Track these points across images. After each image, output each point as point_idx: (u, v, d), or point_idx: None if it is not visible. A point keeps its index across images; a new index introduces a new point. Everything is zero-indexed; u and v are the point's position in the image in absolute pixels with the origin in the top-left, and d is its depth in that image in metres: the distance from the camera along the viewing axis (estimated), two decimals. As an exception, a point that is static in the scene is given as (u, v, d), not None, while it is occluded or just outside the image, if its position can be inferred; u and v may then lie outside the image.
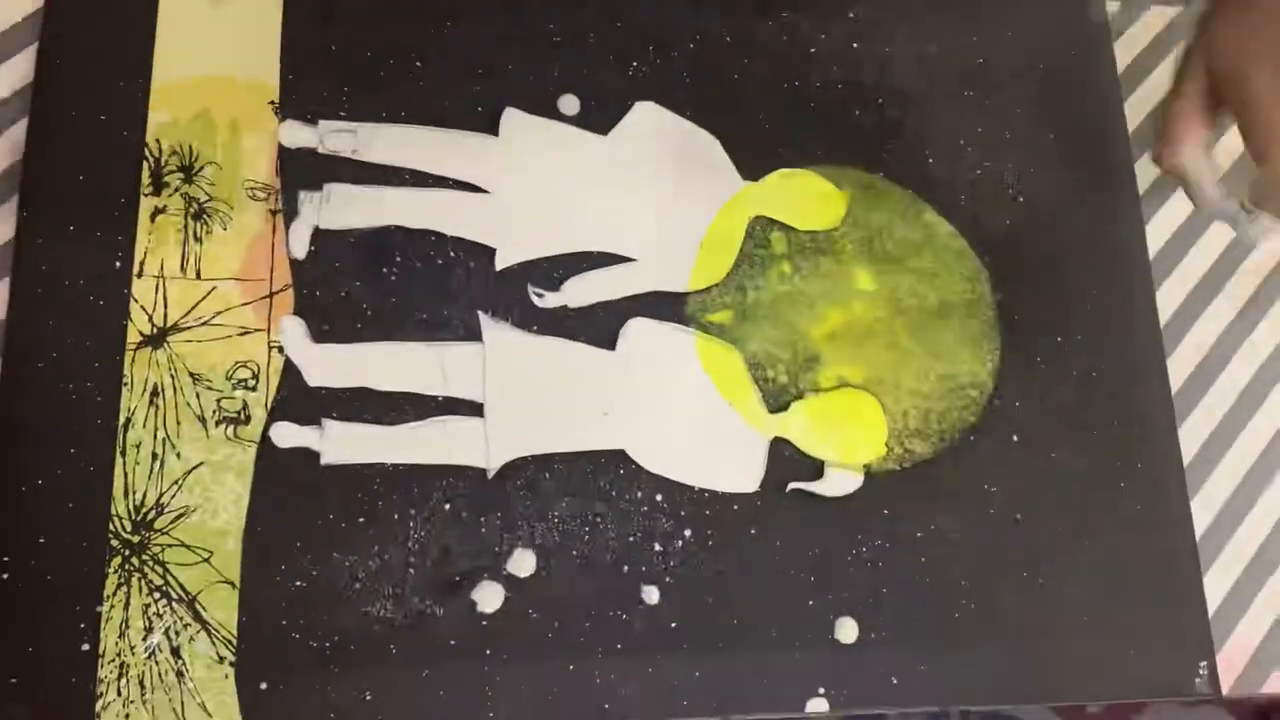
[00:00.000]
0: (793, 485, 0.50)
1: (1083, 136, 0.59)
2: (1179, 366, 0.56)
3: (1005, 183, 0.57)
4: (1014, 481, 0.52)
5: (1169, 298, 0.58)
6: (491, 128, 0.52)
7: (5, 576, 0.43)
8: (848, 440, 0.51)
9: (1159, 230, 0.59)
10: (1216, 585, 0.53)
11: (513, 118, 0.52)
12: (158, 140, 0.49)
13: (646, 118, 0.54)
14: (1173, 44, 0.61)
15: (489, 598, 0.46)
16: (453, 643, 0.45)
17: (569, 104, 0.53)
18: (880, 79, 0.57)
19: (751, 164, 0.54)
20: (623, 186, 0.53)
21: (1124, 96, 0.60)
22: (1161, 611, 0.52)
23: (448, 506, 0.47)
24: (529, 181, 0.52)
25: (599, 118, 0.53)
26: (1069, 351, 0.55)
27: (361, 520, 0.46)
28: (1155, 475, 0.54)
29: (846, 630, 0.49)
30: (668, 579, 0.48)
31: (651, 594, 0.47)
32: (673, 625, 0.47)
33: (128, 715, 0.43)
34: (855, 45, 0.57)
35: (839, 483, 0.50)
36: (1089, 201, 0.58)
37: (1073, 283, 0.56)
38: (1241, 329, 0.57)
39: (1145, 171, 0.59)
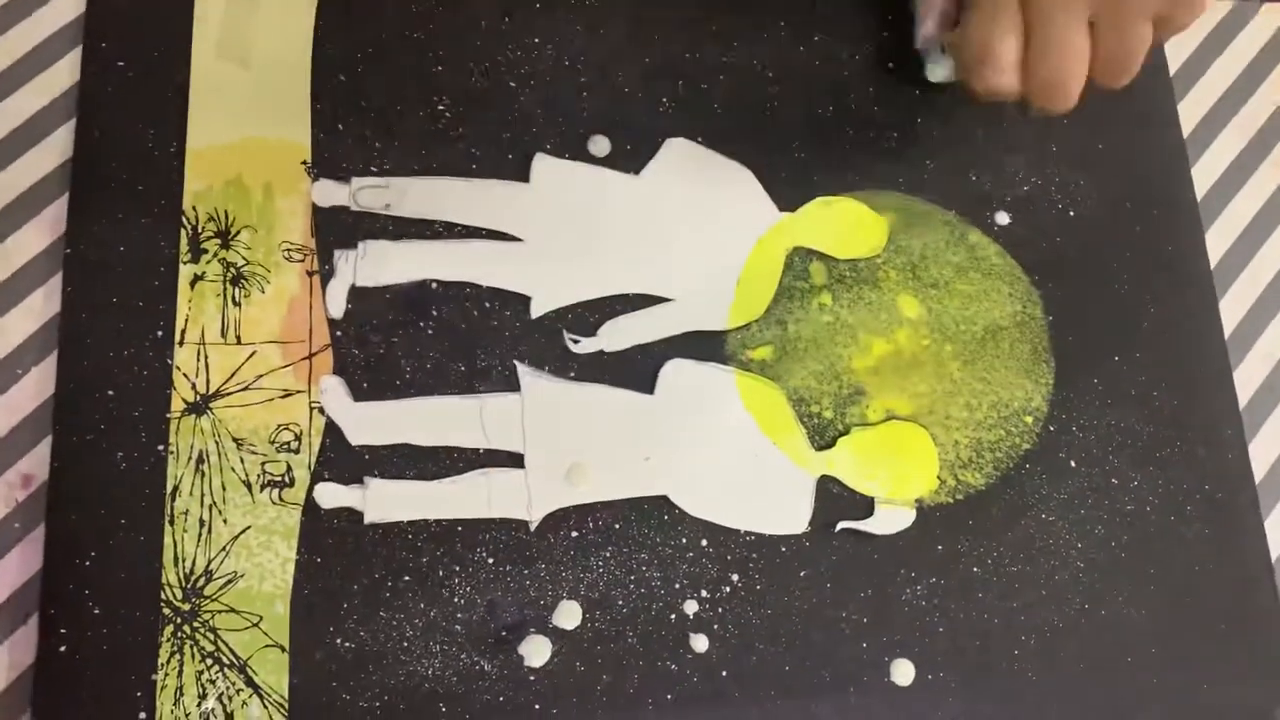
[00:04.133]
0: (842, 524, 0.49)
1: (1134, 143, 0.57)
2: (1247, 379, 0.54)
3: (1054, 197, 0.55)
4: (1073, 510, 0.51)
5: (1234, 307, 0.55)
6: (523, 174, 0.52)
7: (62, 649, 0.44)
8: (898, 475, 0.50)
9: (1220, 237, 0.56)
10: (1295, 611, 0.51)
11: (543, 163, 0.52)
12: (194, 207, 0.49)
13: (678, 154, 0.53)
14: (1226, 41, 0.59)
15: (536, 652, 0.46)
16: (501, 699, 0.45)
17: (599, 145, 0.53)
18: (917, 98, 0.55)
19: (788, 194, 0.53)
20: (656, 226, 0.52)
21: (1177, 98, 0.58)
22: (1236, 642, 0.50)
23: (491, 561, 0.47)
24: (562, 227, 0.52)
25: (630, 157, 0.53)
26: (1128, 371, 0.53)
27: (407, 578, 0.46)
28: (1225, 496, 0.52)
29: (903, 672, 0.47)
30: (716, 626, 0.47)
31: (700, 642, 0.47)
32: (723, 673, 0.47)
33: (186, 781, 0.44)
34: (890, 65, 0.56)
35: (890, 520, 0.49)
36: (1144, 211, 0.56)
37: (1129, 298, 0.54)
38: (1313, 337, 0.55)
39: (1203, 176, 0.57)
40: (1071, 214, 0.55)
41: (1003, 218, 0.54)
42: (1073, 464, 0.51)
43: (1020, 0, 0.45)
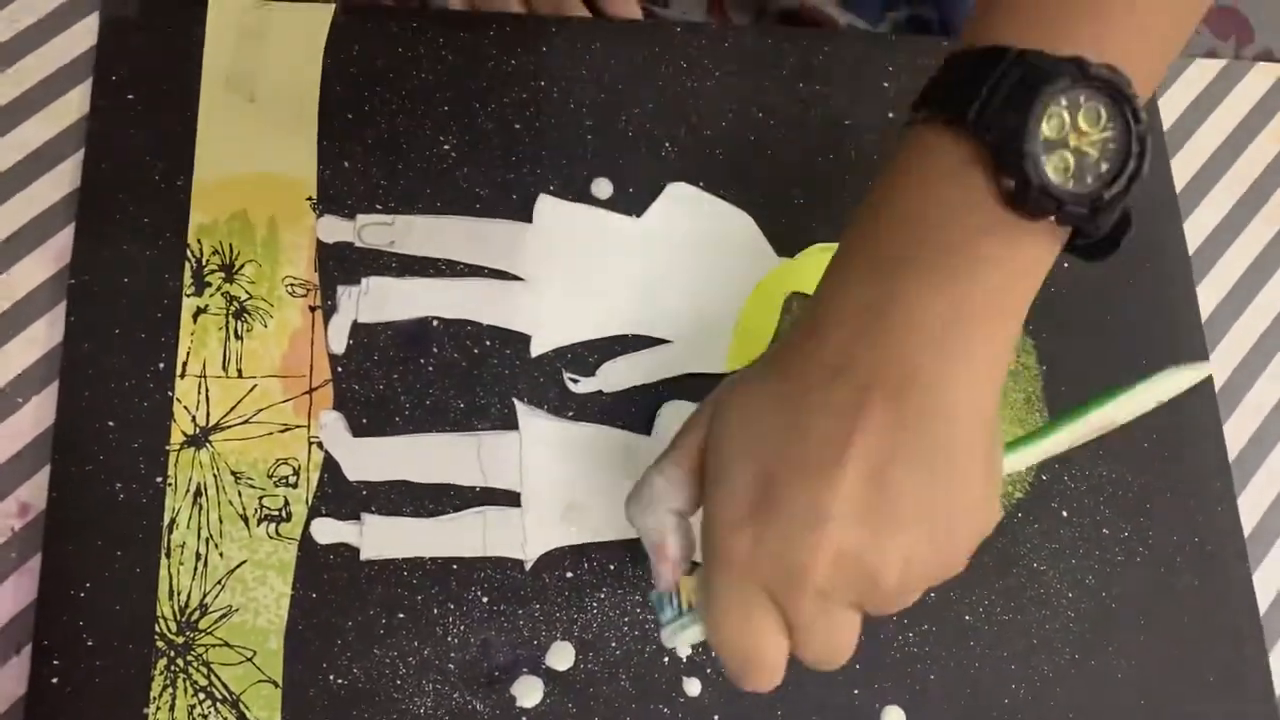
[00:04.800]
0: (835, 569, 0.49)
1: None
2: (1236, 433, 0.55)
3: (1048, 248, 0.56)
4: (1064, 559, 0.51)
5: (1224, 360, 0.56)
6: (526, 214, 0.52)
7: (55, 680, 0.44)
8: (891, 521, 0.50)
9: (1212, 290, 0.57)
10: (1282, 665, 0.51)
11: (546, 204, 0.53)
12: (199, 240, 0.50)
13: (679, 198, 0.54)
14: (1219, 98, 0.60)
15: (528, 692, 0.46)
16: (493, 739, 0.45)
17: (602, 188, 0.53)
18: (916, 148, 0.56)
19: (786, 240, 0.54)
20: (657, 268, 0.53)
21: (1171, 154, 0.59)
22: (1224, 694, 0.50)
23: (486, 600, 0.47)
24: (563, 267, 0.52)
25: (632, 200, 0.53)
26: (1119, 422, 0.53)
27: (401, 616, 0.46)
28: (1214, 548, 0.52)
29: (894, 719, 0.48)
30: (709, 670, 0.47)
31: (693, 686, 0.47)
32: (715, 717, 0.47)
33: (175, 816, 0.43)
34: (890, 115, 0.56)
35: (882, 566, 0.49)
36: (1137, 264, 0.56)
37: (1121, 350, 0.55)
38: (1301, 393, 0.56)
39: (1195, 230, 0.58)
40: (1065, 265, 0.55)
41: (998, 268, 0.55)
42: (1064, 514, 0.52)
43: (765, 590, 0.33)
